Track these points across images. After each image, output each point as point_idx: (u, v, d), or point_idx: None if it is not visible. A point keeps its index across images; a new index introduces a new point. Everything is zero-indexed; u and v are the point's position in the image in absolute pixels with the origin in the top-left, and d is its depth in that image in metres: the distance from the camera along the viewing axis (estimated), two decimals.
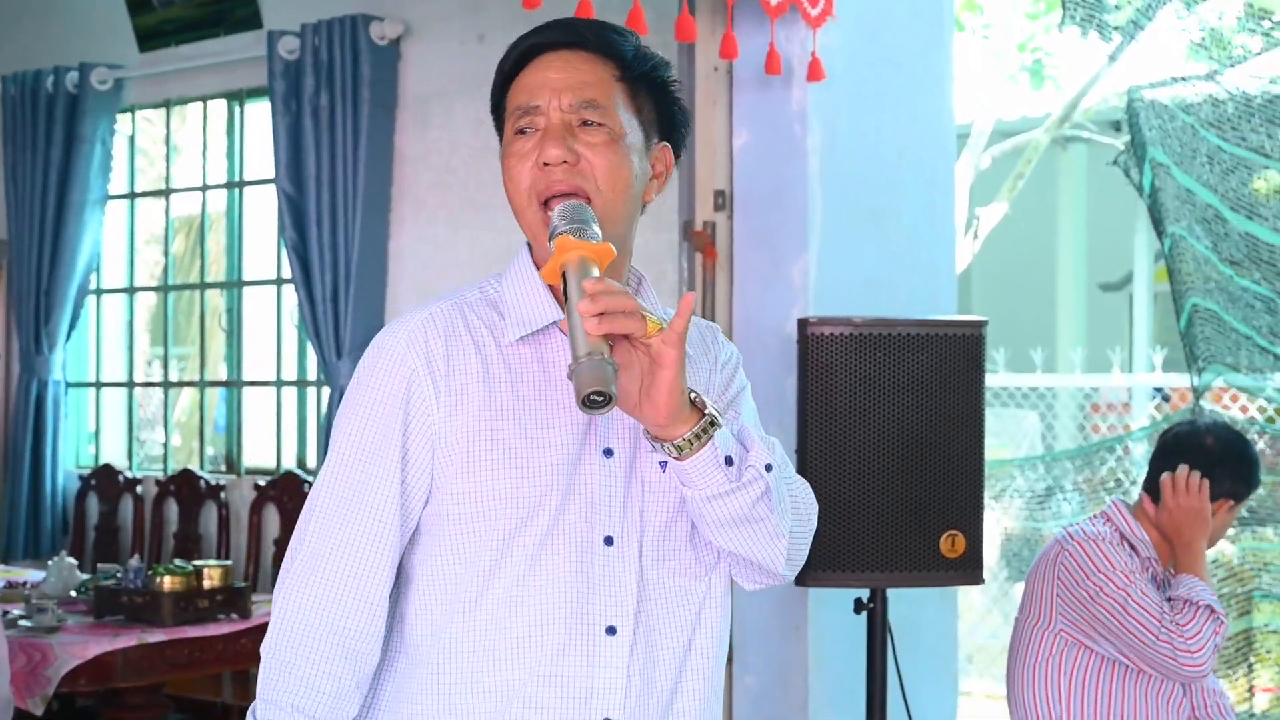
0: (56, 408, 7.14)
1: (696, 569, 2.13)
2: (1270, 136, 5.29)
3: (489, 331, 2.09)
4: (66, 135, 7.00)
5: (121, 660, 4.52)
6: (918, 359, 3.99)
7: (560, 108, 2.06)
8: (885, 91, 4.85)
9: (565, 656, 2.03)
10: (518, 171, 2.07)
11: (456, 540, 2.06)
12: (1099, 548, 3.75)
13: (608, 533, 2.06)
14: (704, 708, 2.15)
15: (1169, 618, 3.66)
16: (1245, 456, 3.94)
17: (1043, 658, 3.85)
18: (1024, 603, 3.94)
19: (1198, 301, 5.38)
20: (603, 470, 2.07)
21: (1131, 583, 3.69)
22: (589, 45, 2.10)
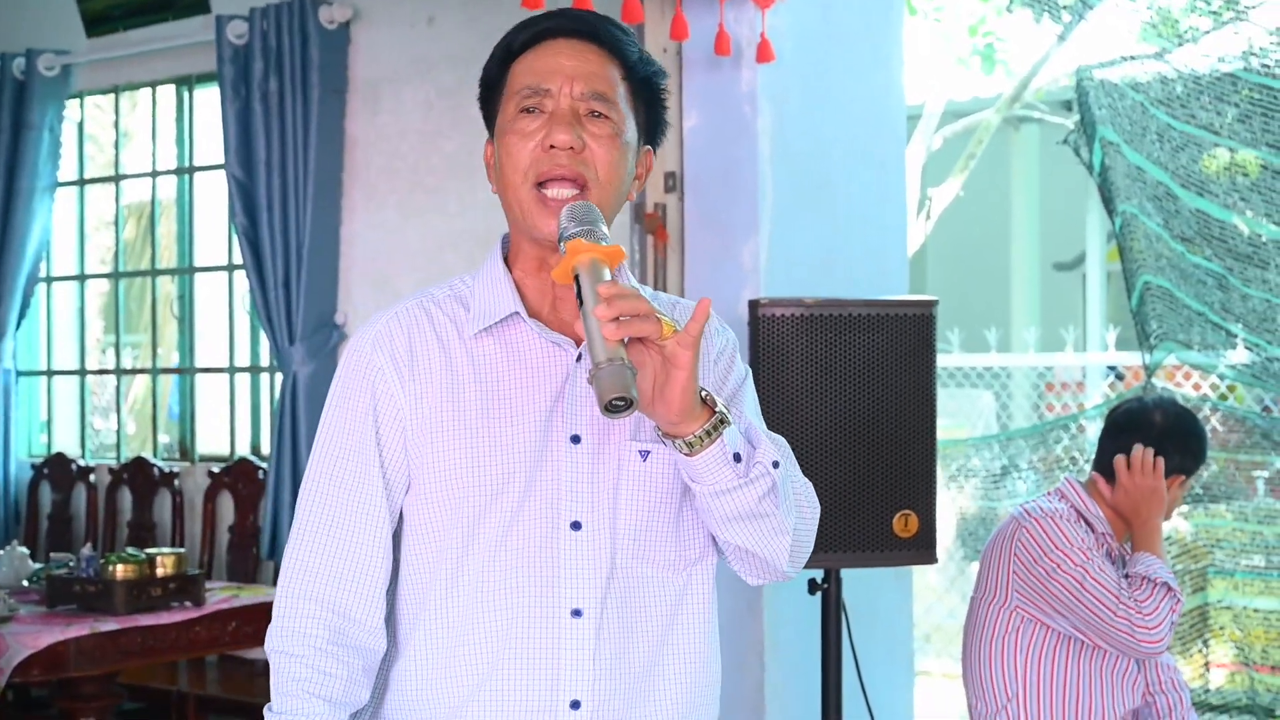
0: (7, 397, 7.10)
1: (677, 562, 2.15)
2: (1219, 114, 5.31)
3: (453, 326, 2.14)
4: (14, 122, 6.95)
5: (74, 649, 4.50)
6: (869, 339, 4.00)
7: (571, 94, 2.09)
8: (835, 73, 4.85)
9: (532, 638, 2.06)
10: (519, 149, 2.09)
11: (429, 525, 2.11)
12: (1056, 524, 3.75)
13: (575, 518, 2.08)
14: (688, 701, 2.17)
15: (1126, 594, 3.67)
16: (1193, 432, 3.95)
17: (999, 635, 3.85)
18: (979, 580, 3.94)
19: (1149, 279, 5.40)
20: (569, 457, 2.09)
21: (1089, 559, 3.70)
22: (601, 40, 2.14)
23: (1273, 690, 5.60)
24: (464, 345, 2.11)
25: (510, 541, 2.07)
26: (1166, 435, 3.89)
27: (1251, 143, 5.25)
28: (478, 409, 2.09)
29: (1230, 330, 5.39)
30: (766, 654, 4.62)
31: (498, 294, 2.13)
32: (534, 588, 2.06)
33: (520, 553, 2.07)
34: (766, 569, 2.15)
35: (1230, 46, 5.32)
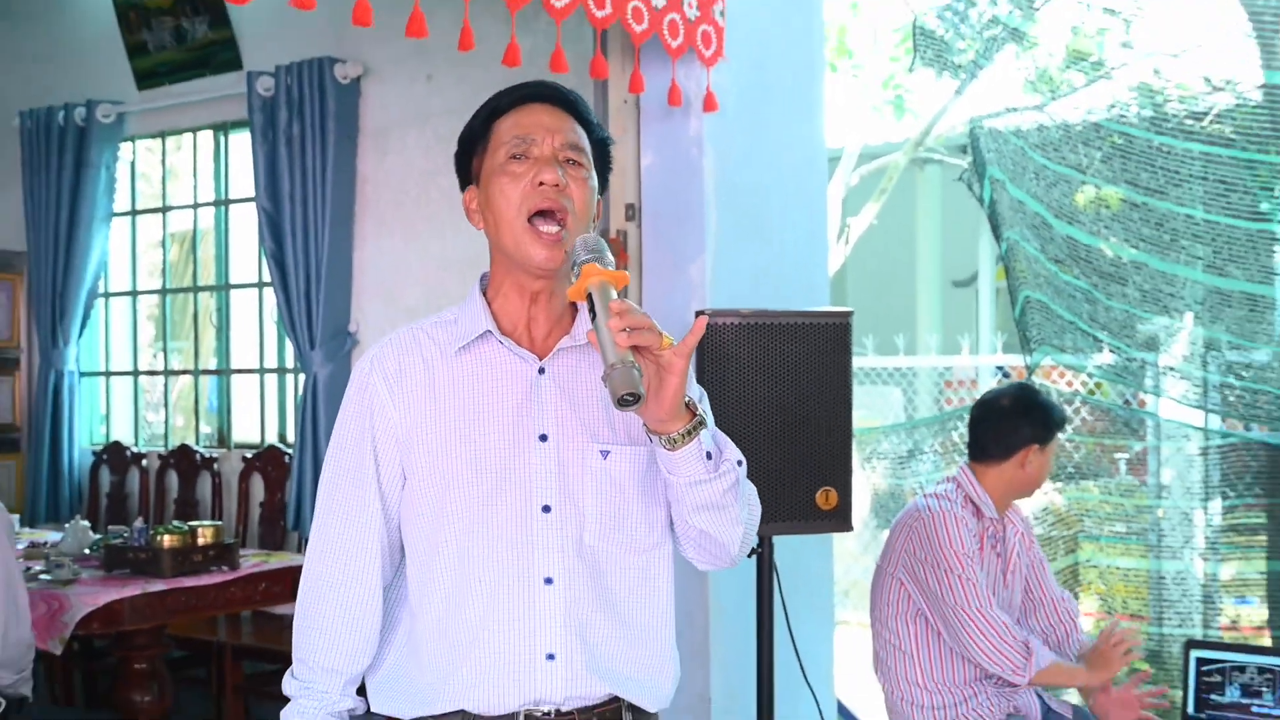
0: (71, 395, 7.07)
1: (637, 546, 2.17)
2: (1086, 156, 5.34)
3: (436, 347, 2.17)
4: (76, 161, 6.92)
5: (129, 607, 4.49)
6: (796, 344, 4.01)
7: (553, 145, 2.13)
8: (768, 121, 4.87)
9: (512, 600, 2.09)
10: (511, 188, 2.12)
11: (423, 509, 2.14)
12: (946, 523, 3.74)
13: (545, 502, 2.11)
14: (645, 665, 2.19)
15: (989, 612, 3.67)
16: (1035, 405, 3.93)
17: (896, 596, 3.87)
18: (885, 550, 3.95)
19: (1029, 294, 5.42)
20: (539, 452, 2.12)
21: (965, 568, 3.70)
22: (570, 107, 2.20)
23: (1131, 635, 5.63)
24: (445, 362, 2.15)
25: (491, 521, 2.10)
26: (1015, 413, 3.90)
27: (1113, 180, 5.28)
28: (456, 413, 2.12)
29: (1096, 336, 5.41)
30: (711, 608, 4.62)
31: (474, 318, 2.16)
32: (513, 559, 2.09)
33: (500, 531, 2.10)
34: (719, 554, 2.18)
35: (1097, 100, 5.35)
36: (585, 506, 2.12)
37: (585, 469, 2.12)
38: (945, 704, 3.77)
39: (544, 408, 2.13)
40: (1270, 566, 5.37)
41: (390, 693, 2.19)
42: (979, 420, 3.97)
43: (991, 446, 3.91)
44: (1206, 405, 5.46)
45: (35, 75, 7.19)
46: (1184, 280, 5.23)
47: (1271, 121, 5.07)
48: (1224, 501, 5.45)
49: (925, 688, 3.79)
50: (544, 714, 2.10)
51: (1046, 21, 5.38)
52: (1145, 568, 5.64)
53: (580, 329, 2.17)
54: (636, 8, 4.07)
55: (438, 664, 2.12)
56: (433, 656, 2.13)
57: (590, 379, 2.15)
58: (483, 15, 3.68)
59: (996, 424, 3.92)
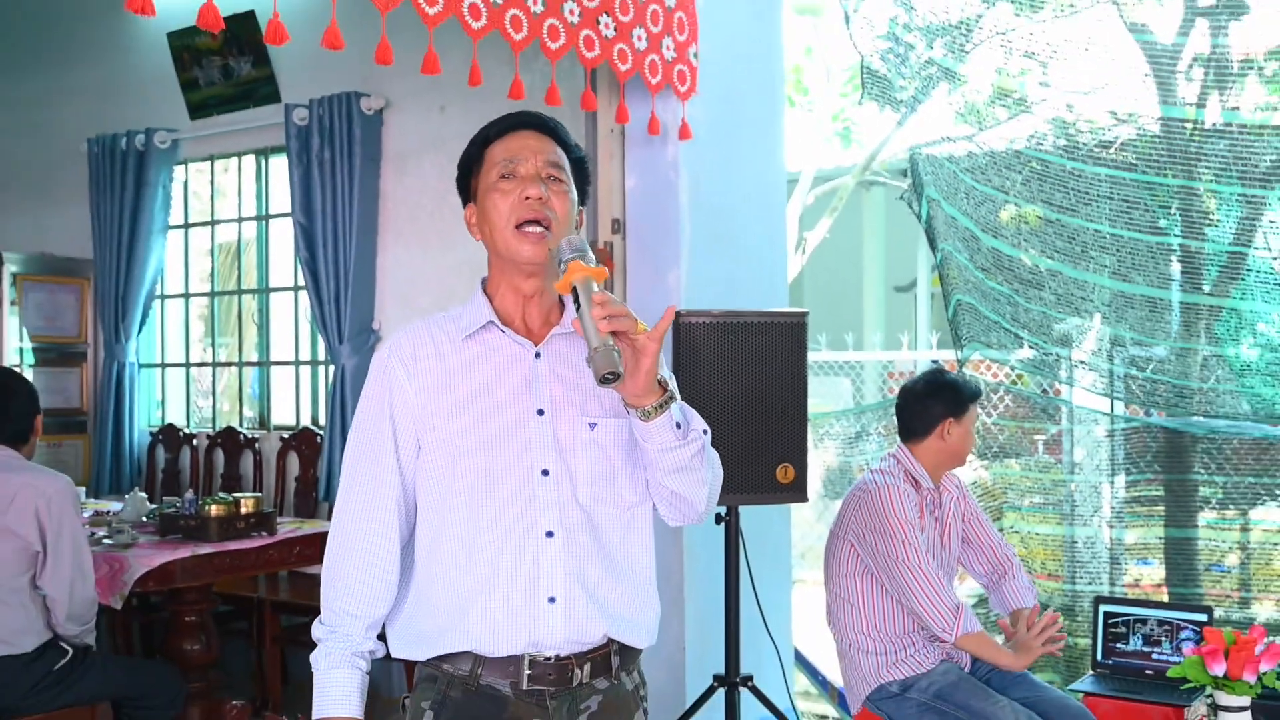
0: (132, 384, 7.04)
1: (623, 503, 2.18)
2: (1009, 179, 5.35)
3: (446, 337, 2.18)
4: (136, 181, 6.89)
5: (180, 567, 4.46)
6: (759, 340, 4.01)
7: (537, 164, 2.16)
8: (735, 148, 4.87)
9: (518, 551, 2.10)
10: (503, 203, 2.14)
11: (437, 476, 2.14)
12: (891, 495, 3.72)
13: (544, 466, 2.12)
14: (632, 602, 2.19)
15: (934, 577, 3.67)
16: (943, 384, 3.91)
17: (846, 558, 3.86)
18: (838, 518, 3.95)
19: (960, 298, 5.43)
20: (537, 424, 2.13)
21: (908, 535, 3.69)
22: (551, 133, 2.22)
23: (1048, 591, 5.64)
24: (454, 348, 2.16)
25: (497, 483, 2.11)
26: (928, 395, 3.90)
27: (1032, 200, 5.29)
28: (465, 390, 2.14)
29: (1018, 334, 5.42)
30: (685, 568, 4.62)
31: (478, 311, 2.18)
32: (518, 516, 2.10)
33: (505, 491, 2.11)
34: (689, 511, 2.19)
35: (1019, 131, 5.36)
36: (577, 471, 2.13)
37: (576, 439, 2.14)
38: (886, 650, 3.77)
39: (540, 386, 2.15)
40: (1168, 533, 5.38)
41: (406, 639, 2.18)
42: (901, 406, 3.97)
43: (914, 425, 3.90)
44: (1113, 394, 5.48)
45: (101, 107, 7.16)
46: (1093, 286, 5.25)
47: (1168, 149, 5.08)
48: (1128, 476, 5.47)
49: (869, 635, 3.79)
50: (545, 659, 2.10)
51: (975, 63, 5.38)
52: (1060, 534, 5.66)
53: (569, 319, 2.18)
54: (622, 50, 4.06)
55: (449, 610, 2.11)
56: (444, 604, 2.12)
57: (578, 362, 2.16)
58: (488, 55, 3.66)
59: (914, 406, 3.92)
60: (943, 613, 3.65)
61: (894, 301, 13.14)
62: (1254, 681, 3.12)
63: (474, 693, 2.11)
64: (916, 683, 3.71)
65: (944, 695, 3.66)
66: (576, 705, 2.14)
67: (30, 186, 7.55)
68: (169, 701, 4.27)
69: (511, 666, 2.10)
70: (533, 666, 2.10)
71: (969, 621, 3.68)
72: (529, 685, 2.10)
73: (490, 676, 2.10)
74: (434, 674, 2.15)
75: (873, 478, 3.84)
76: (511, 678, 2.10)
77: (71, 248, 7.21)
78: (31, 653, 3.95)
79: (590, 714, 2.15)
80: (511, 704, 2.11)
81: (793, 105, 11.11)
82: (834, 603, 3.91)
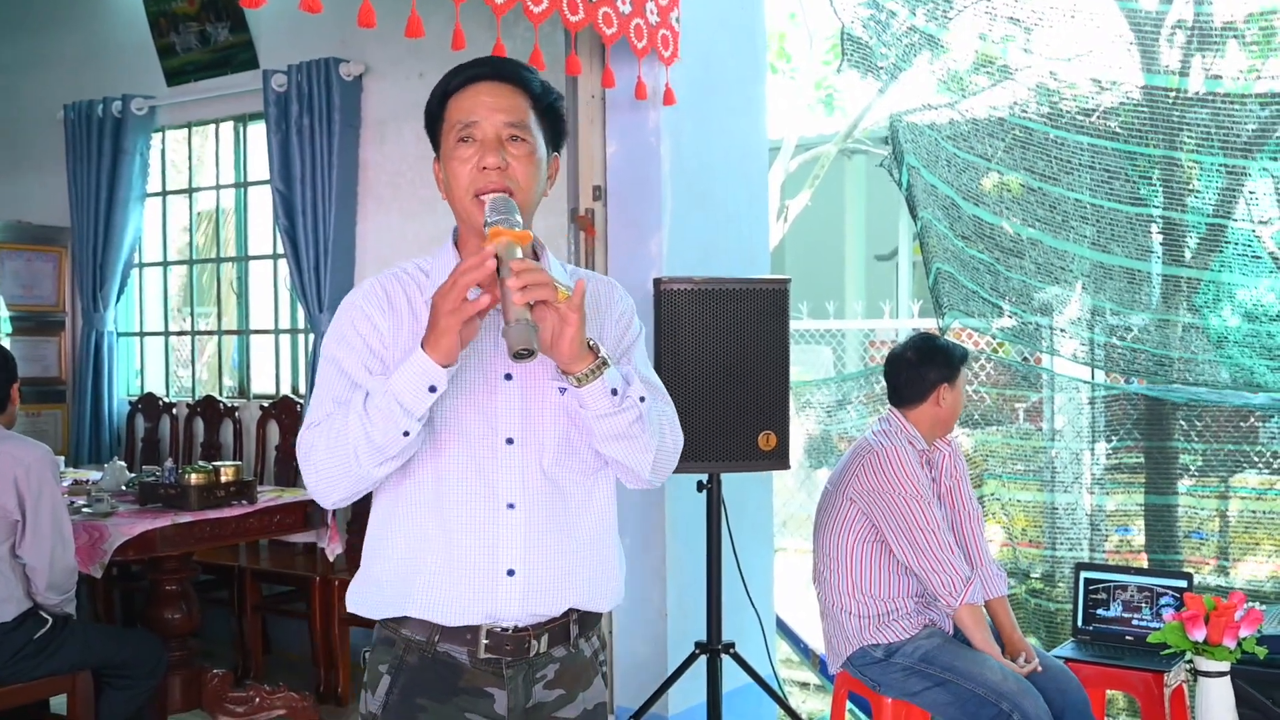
0: (110, 352, 6.98)
1: (586, 469, 2.13)
2: (991, 147, 5.33)
3: (418, 288, 2.12)
4: (114, 149, 6.81)
5: (160, 536, 4.44)
6: (740, 307, 4.00)
7: (495, 126, 2.05)
8: (716, 115, 4.83)
9: (478, 522, 2.05)
10: (461, 171, 2.06)
11: None
12: (899, 455, 3.72)
13: (509, 435, 2.06)
14: (596, 569, 2.15)
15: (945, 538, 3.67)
16: (934, 349, 3.92)
17: (846, 516, 3.83)
18: (835, 478, 3.89)
19: (940, 266, 5.42)
20: (504, 389, 2.07)
21: (920, 494, 3.69)
22: (513, 80, 2.10)
23: (1029, 559, 5.67)
24: (426, 303, 2.04)
25: (462, 452, 2.06)
26: (920, 362, 3.89)
27: (1014, 168, 5.28)
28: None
29: (996, 304, 5.42)
30: (667, 535, 4.62)
31: (448, 267, 2.06)
32: (480, 486, 2.05)
33: (470, 459, 2.06)
34: (633, 478, 2.15)
35: (1001, 98, 5.34)
36: (545, 437, 2.08)
37: (545, 404, 2.08)
38: (871, 613, 3.77)
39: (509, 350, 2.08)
40: (1148, 499, 5.41)
41: (362, 594, 2.14)
42: (892, 372, 3.96)
43: (907, 392, 3.90)
44: (1093, 362, 5.49)
45: (78, 74, 7.08)
46: (1073, 255, 5.25)
47: (1150, 118, 5.07)
48: (1108, 444, 5.49)
49: (854, 597, 3.78)
50: (503, 630, 2.06)
51: (958, 30, 5.35)
52: (1041, 500, 5.68)
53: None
54: (606, 13, 4.02)
55: (405, 574, 2.07)
56: (401, 566, 2.08)
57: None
58: (469, 20, 3.62)
59: (906, 373, 3.91)
60: (954, 578, 3.66)
61: (875, 270, 13.15)
62: (1233, 647, 3.14)
63: (430, 660, 2.08)
64: (901, 648, 3.71)
65: (929, 658, 3.66)
66: (533, 674, 2.11)
67: (6, 154, 7.47)
68: (150, 670, 4.25)
69: (469, 635, 2.07)
70: (490, 637, 2.07)
71: (975, 594, 3.68)
72: (485, 654, 2.07)
73: (447, 644, 2.07)
74: (391, 637, 2.11)
75: (876, 440, 3.82)
76: (469, 646, 2.07)
77: (48, 215, 7.14)
78: (11, 622, 3.93)
79: (546, 682, 2.13)
80: (468, 672, 2.08)
81: (775, 72, 11.06)
82: (821, 562, 3.89)
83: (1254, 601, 4.06)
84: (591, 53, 4.41)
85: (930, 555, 3.67)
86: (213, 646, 5.71)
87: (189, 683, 4.69)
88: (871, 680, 3.76)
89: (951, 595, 3.66)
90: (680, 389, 3.96)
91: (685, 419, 3.92)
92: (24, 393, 4.51)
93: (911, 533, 3.68)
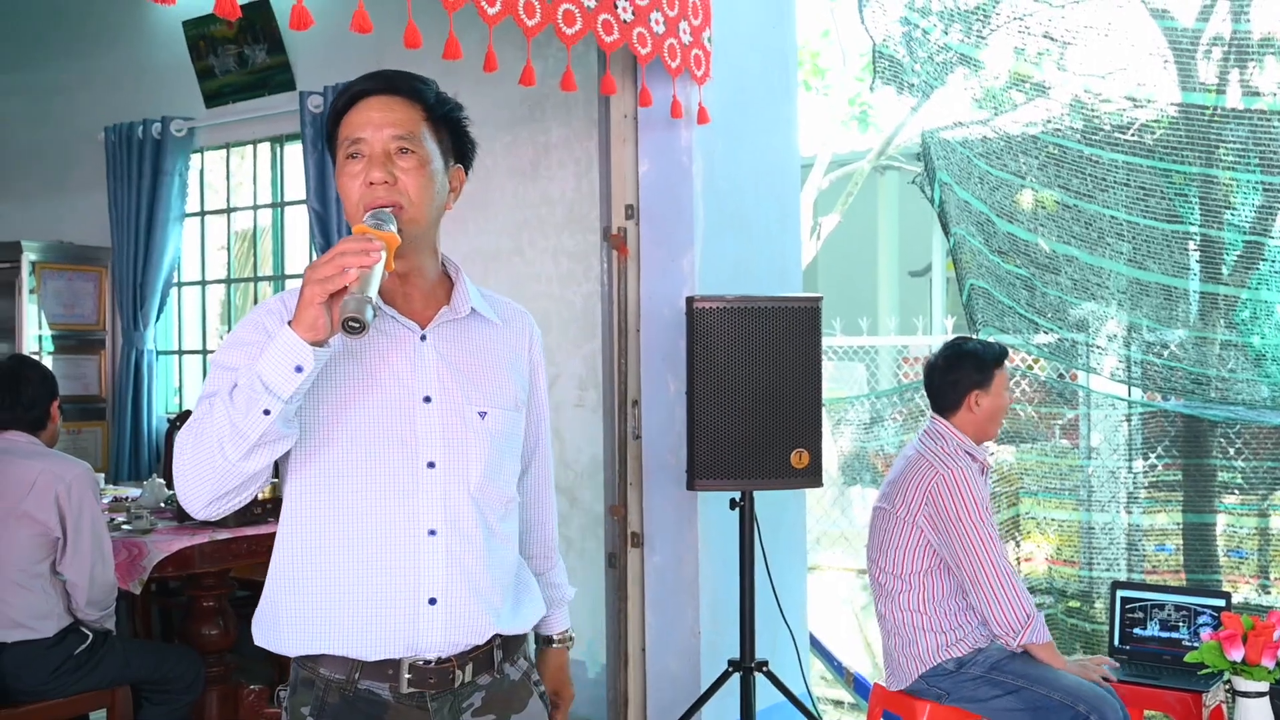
0: (150, 370, 7.05)
1: (505, 494, 2.10)
2: (1025, 164, 5.32)
3: None
4: (153, 169, 6.90)
5: (198, 553, 4.47)
6: (773, 325, 4.00)
7: (381, 140, 1.98)
8: (748, 133, 4.84)
9: (398, 551, 1.98)
10: (350, 188, 2.00)
11: (307, 457, 1.98)
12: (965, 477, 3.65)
13: (430, 459, 2.00)
14: (515, 593, 2.12)
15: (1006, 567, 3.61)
16: (962, 354, 3.87)
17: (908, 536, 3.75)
18: (893, 492, 3.81)
19: (974, 282, 5.40)
20: (423, 412, 2.01)
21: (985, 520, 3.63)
22: (401, 92, 2.03)
23: (1064, 577, 5.63)
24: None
25: (380, 477, 1.97)
26: (950, 369, 3.85)
27: (1049, 185, 5.26)
28: (346, 374, 1.98)
29: (1033, 319, 5.40)
30: (700, 554, 4.61)
31: None
32: (400, 513, 1.98)
33: (389, 486, 1.97)
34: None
35: (1034, 115, 5.33)
36: (469, 461, 2.02)
37: (467, 428, 2.02)
38: (945, 629, 3.70)
39: (427, 372, 2.01)
40: (1185, 518, 5.36)
41: (271, 627, 2.04)
42: (927, 381, 3.94)
43: (943, 400, 3.87)
44: (1130, 379, 5.45)
45: (118, 96, 7.17)
46: (1109, 272, 5.22)
47: (1187, 135, 5.05)
48: (1145, 461, 5.44)
49: (926, 614, 3.72)
50: (425, 662, 1.99)
51: (993, 47, 5.35)
52: (1077, 519, 5.64)
53: (459, 301, 2.08)
54: (641, 33, 4.04)
55: (321, 607, 1.98)
56: (316, 599, 1.98)
57: (469, 347, 2.07)
58: (500, 41, 3.65)
59: (939, 380, 3.88)
60: (1015, 617, 3.60)
61: (909, 286, 13.11)
62: (1272, 667, 3.10)
63: (352, 698, 1.99)
64: (973, 659, 3.67)
65: (1000, 667, 3.61)
66: (459, 704, 2.05)
67: (48, 175, 7.57)
68: (188, 686, 4.28)
69: (390, 670, 1.99)
70: (412, 671, 1.99)
71: (1038, 632, 3.62)
72: (408, 689, 1.99)
73: (368, 681, 1.99)
74: (310, 678, 2.02)
75: (936, 457, 3.74)
76: (390, 682, 1.99)
77: (89, 236, 7.23)
78: (52, 637, 3.97)
79: (474, 710, 2.07)
80: (391, 708, 2.00)
81: (809, 90, 11.07)
82: (888, 581, 3.80)
83: None
84: (625, 72, 4.42)
85: (992, 590, 3.60)
86: (249, 663, 5.73)
87: (226, 698, 4.71)
88: (939, 690, 3.71)
89: (1010, 635, 3.62)
90: (713, 407, 3.97)
91: (717, 437, 3.94)
92: (65, 410, 4.56)
93: (975, 565, 3.61)
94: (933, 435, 3.86)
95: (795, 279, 5.08)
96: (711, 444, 3.99)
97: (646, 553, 4.62)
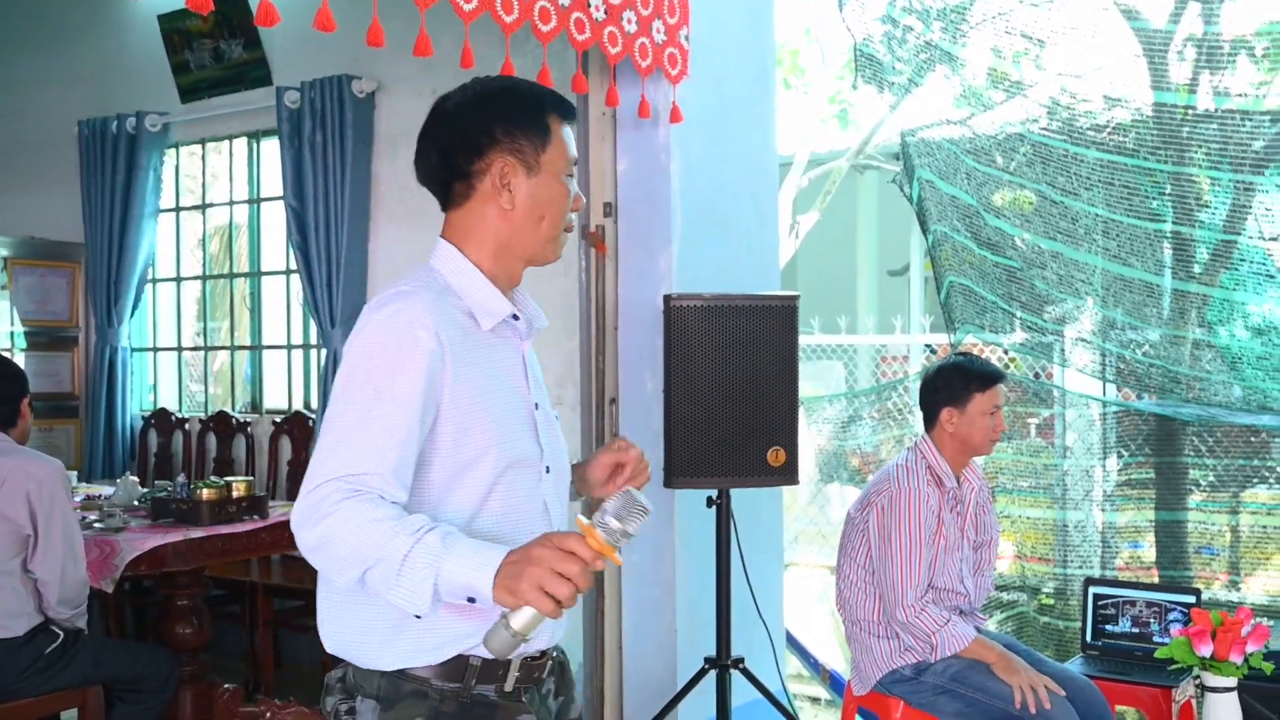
0: (124, 367, 7.04)
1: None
2: (1008, 160, 5.36)
3: (469, 319, 1.99)
4: (128, 165, 6.88)
5: (172, 551, 4.46)
6: (750, 323, 4.02)
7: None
8: (727, 131, 4.86)
9: None
10: (564, 200, 2.07)
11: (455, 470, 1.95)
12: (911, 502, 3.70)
13: (547, 464, 2.07)
14: None
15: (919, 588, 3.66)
16: (940, 373, 3.89)
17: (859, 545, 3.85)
18: (859, 504, 3.90)
19: (953, 279, 5.44)
20: (540, 420, 2.07)
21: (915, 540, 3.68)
22: None
23: (1038, 575, 5.67)
24: (478, 336, 1.99)
25: (523, 479, 2.00)
26: (927, 387, 3.89)
27: (1036, 181, 5.30)
28: (488, 386, 1.98)
29: (1013, 313, 5.43)
30: (677, 550, 4.63)
31: (491, 298, 2.02)
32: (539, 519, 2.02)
33: (533, 488, 2.02)
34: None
35: (1016, 113, 5.37)
36: (562, 461, 2.12)
37: (554, 429, 2.11)
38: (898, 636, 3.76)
39: (531, 380, 2.08)
40: (1158, 515, 5.41)
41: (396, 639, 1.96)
42: (922, 399, 3.97)
43: (924, 414, 3.92)
44: (1105, 377, 5.50)
45: (92, 90, 7.15)
46: (1092, 267, 5.26)
47: (1159, 133, 5.09)
48: (1119, 460, 5.49)
49: (880, 622, 3.78)
50: (530, 658, 2.03)
51: (973, 47, 5.39)
52: (1051, 517, 5.68)
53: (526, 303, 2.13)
54: (611, 32, 4.06)
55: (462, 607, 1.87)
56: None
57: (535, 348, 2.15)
58: (479, 38, 3.66)
59: (922, 396, 3.93)
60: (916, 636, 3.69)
61: (887, 285, 13.14)
62: (1240, 662, 3.14)
63: (469, 704, 1.97)
64: (931, 666, 3.70)
65: (960, 678, 3.64)
66: (540, 692, 2.11)
67: (21, 170, 7.54)
68: (161, 685, 4.28)
69: (500, 671, 1.99)
70: (521, 668, 2.02)
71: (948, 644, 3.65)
72: (512, 686, 2.01)
73: (481, 685, 1.98)
74: (420, 689, 1.95)
75: (899, 475, 3.78)
76: (498, 682, 1.99)
77: (62, 231, 7.20)
78: (23, 636, 3.96)
79: (552, 695, 2.15)
80: (500, 708, 2.00)
81: (789, 88, 11.10)
82: (847, 589, 3.88)
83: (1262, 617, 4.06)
84: (600, 71, 4.44)
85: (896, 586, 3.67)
86: (224, 661, 5.74)
87: (200, 697, 4.71)
88: (900, 694, 3.75)
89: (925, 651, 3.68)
90: (690, 405, 3.99)
91: (695, 435, 3.97)
92: (37, 408, 4.55)
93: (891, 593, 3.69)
94: (912, 451, 3.90)
95: (773, 278, 5.10)
96: (689, 442, 4.01)
97: (625, 551, 4.62)
